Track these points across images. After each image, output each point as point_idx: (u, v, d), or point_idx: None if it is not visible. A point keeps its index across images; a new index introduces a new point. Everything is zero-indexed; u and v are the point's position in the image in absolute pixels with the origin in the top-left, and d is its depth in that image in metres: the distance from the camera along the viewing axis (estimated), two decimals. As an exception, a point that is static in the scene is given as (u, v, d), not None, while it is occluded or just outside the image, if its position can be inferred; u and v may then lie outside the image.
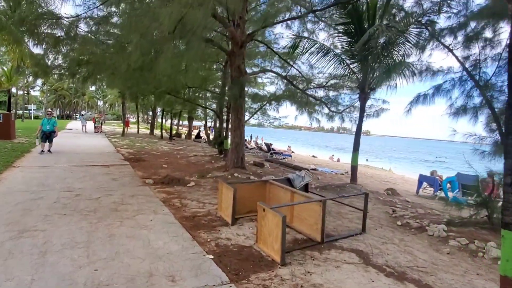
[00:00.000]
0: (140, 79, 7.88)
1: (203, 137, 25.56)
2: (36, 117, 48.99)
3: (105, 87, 36.20)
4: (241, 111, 8.78)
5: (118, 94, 26.22)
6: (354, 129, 9.20)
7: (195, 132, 31.59)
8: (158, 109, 28.15)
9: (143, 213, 4.85)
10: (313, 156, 29.71)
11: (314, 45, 8.29)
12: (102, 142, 16.65)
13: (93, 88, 60.52)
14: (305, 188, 5.77)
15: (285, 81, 10.90)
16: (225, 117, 12.47)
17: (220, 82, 15.13)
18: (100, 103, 74.51)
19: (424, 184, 10.01)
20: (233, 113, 8.69)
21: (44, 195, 5.50)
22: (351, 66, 8.06)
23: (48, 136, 10.74)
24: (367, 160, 36.05)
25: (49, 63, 7.40)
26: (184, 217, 4.90)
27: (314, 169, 13.14)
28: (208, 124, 25.56)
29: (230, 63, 8.80)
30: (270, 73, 15.27)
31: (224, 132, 12.33)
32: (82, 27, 7.81)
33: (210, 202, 5.85)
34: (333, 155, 31.22)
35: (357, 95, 11.82)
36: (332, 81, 10.88)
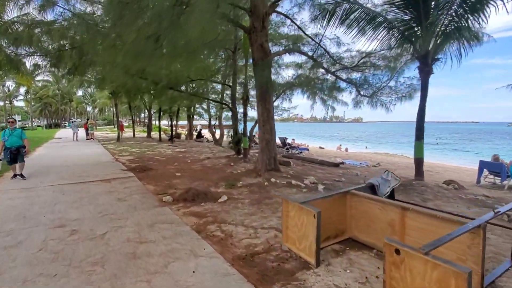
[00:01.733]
0: (153, 55, 5.75)
1: (204, 137, 23.83)
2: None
3: (93, 89, 33.97)
4: (270, 100, 7.12)
5: (109, 96, 24.26)
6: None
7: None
8: (153, 110, 26.22)
9: (178, 258, 3.19)
10: (320, 147, 28.22)
11: (356, 10, 6.64)
12: (97, 150, 14.81)
13: (80, 93, 57.95)
14: (391, 195, 4.17)
15: (310, 62, 9.28)
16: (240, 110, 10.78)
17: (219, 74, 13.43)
18: (89, 108, 71.70)
19: (485, 171, 8.51)
20: (260, 104, 7.03)
21: (24, 238, 3.78)
22: (406, 33, 6.41)
23: (15, 154, 7.31)
24: (366, 147, 34.76)
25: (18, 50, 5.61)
26: (239, 257, 3.26)
27: (342, 163, 11.58)
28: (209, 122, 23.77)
29: (251, 42, 7.10)
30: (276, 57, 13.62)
31: (242, 128, 10.63)
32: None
33: (261, 225, 4.21)
34: (340, 145, 29.78)
35: (390, 76, 10.34)
36: (363, 60, 9.24)
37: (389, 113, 10.94)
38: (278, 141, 16.26)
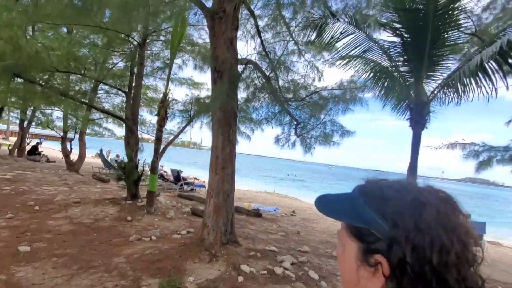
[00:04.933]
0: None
1: (43, 154, 16.81)
2: None
3: None
4: (235, 130, 4.51)
5: None
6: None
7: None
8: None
9: None
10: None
11: (349, 34, 5.26)
12: None
13: None
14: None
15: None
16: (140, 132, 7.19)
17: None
18: None
19: None
20: (219, 133, 4.26)
21: None
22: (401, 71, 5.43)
23: None
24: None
25: None
26: None
27: (257, 210, 9.66)
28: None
29: (215, 36, 4.42)
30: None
31: (136, 154, 6.97)
32: None
33: None
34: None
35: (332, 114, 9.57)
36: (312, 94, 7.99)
37: (307, 155, 10.03)
38: (168, 173, 12.87)
